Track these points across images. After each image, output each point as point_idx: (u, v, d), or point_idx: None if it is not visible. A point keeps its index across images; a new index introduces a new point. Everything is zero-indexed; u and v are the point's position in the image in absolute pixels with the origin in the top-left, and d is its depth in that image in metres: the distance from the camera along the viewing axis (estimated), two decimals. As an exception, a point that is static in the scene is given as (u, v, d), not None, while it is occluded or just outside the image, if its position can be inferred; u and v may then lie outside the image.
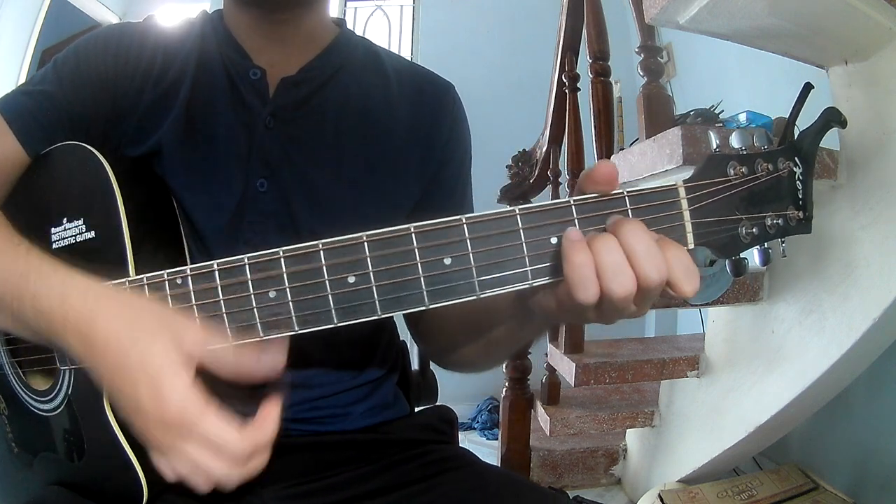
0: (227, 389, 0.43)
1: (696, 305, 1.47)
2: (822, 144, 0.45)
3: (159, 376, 0.41)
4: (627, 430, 1.93)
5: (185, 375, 0.42)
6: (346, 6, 3.53)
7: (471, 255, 0.41)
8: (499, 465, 1.75)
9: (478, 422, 2.97)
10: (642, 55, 1.45)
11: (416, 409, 0.84)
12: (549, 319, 0.51)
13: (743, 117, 1.31)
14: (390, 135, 0.71)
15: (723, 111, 1.45)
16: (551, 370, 1.78)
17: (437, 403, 0.88)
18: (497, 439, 2.24)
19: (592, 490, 1.91)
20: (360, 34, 0.78)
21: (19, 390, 0.64)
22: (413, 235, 0.41)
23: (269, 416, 0.45)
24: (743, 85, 2.21)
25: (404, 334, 0.83)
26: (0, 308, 0.49)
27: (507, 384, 1.86)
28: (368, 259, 0.41)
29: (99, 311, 0.44)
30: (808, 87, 0.45)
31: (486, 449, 2.57)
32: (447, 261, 0.41)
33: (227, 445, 0.42)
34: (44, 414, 0.61)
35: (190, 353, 0.43)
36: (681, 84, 2.72)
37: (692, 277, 0.41)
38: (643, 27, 1.44)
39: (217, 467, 0.42)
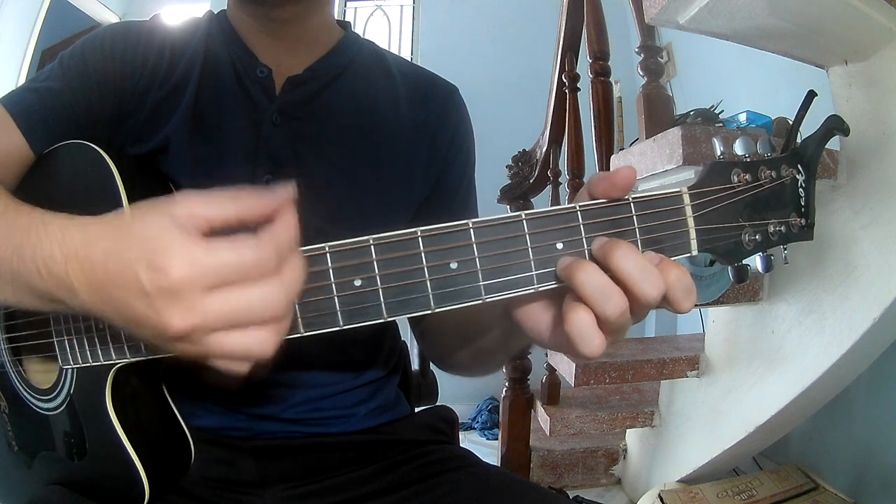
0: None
1: (697, 305, 1.47)
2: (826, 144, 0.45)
3: (155, 247, 0.36)
4: (627, 430, 1.94)
5: (181, 234, 0.36)
6: (346, 6, 3.53)
7: (477, 259, 0.41)
8: (499, 465, 1.76)
9: (478, 422, 2.97)
10: (642, 55, 1.45)
11: (417, 410, 0.84)
12: (538, 345, 0.50)
13: (743, 117, 1.31)
14: (396, 135, 0.72)
15: (723, 111, 1.45)
16: (551, 370, 1.78)
17: (438, 404, 0.88)
18: (497, 439, 2.24)
19: (592, 490, 1.91)
20: (361, 34, 0.79)
21: (20, 389, 0.64)
22: (420, 239, 0.41)
23: (284, 219, 0.38)
24: (743, 85, 2.21)
25: (404, 335, 0.83)
26: (0, 274, 0.45)
27: (507, 384, 1.86)
28: (375, 262, 0.41)
29: (96, 230, 0.40)
30: (811, 95, 0.45)
31: (486, 449, 2.57)
32: (453, 265, 0.41)
33: (248, 262, 0.36)
34: (45, 413, 0.61)
35: (187, 214, 0.37)
36: (681, 84, 2.72)
37: (691, 296, 0.40)
38: (643, 27, 1.44)
39: (253, 297, 0.36)
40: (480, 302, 0.42)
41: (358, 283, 0.41)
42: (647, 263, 0.40)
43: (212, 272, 0.35)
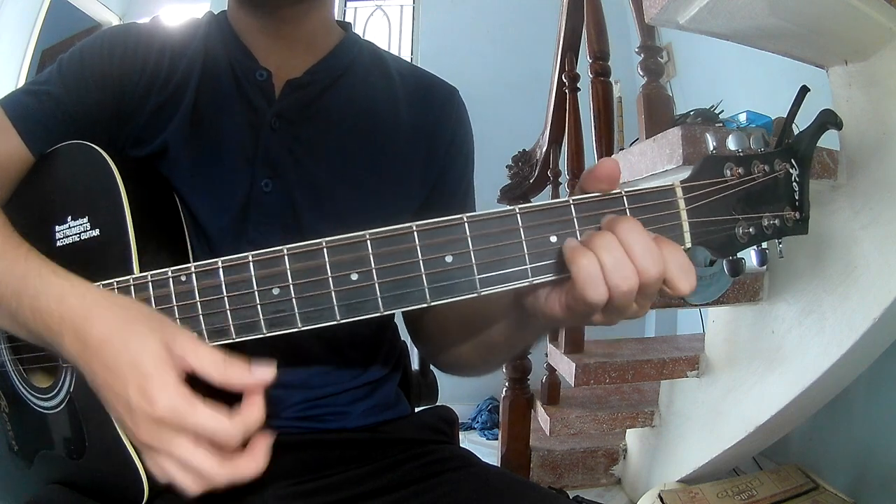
0: (209, 392, 0.44)
1: (697, 305, 1.47)
2: (822, 144, 0.45)
3: (149, 376, 0.42)
4: (627, 430, 1.94)
5: (173, 375, 0.43)
6: (346, 6, 3.53)
7: (472, 253, 0.42)
8: (499, 465, 1.76)
9: (478, 422, 2.97)
10: (642, 55, 1.45)
11: (417, 410, 0.84)
12: (554, 325, 0.51)
13: (743, 117, 1.31)
14: (395, 137, 0.71)
15: (723, 111, 1.45)
16: (551, 370, 1.78)
17: (438, 403, 0.88)
18: (497, 439, 2.24)
19: (592, 490, 1.91)
20: (361, 35, 0.78)
21: (20, 387, 0.64)
22: (415, 233, 0.42)
23: (254, 402, 0.44)
24: (743, 85, 2.21)
25: (404, 335, 0.83)
26: (1, 309, 0.50)
27: (507, 384, 1.86)
28: (371, 256, 0.42)
29: (95, 311, 0.45)
30: (804, 90, 0.46)
31: (486, 449, 2.57)
32: (448, 259, 0.42)
33: (218, 432, 0.42)
34: (45, 411, 0.61)
35: (180, 356, 0.43)
36: (681, 84, 2.72)
37: (689, 275, 0.41)
38: (643, 27, 1.44)
39: (208, 463, 0.43)
40: (476, 295, 0.42)
41: (354, 277, 0.42)
42: (650, 241, 0.40)
43: (188, 425, 0.42)
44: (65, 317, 0.46)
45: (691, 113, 1.43)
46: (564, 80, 1.88)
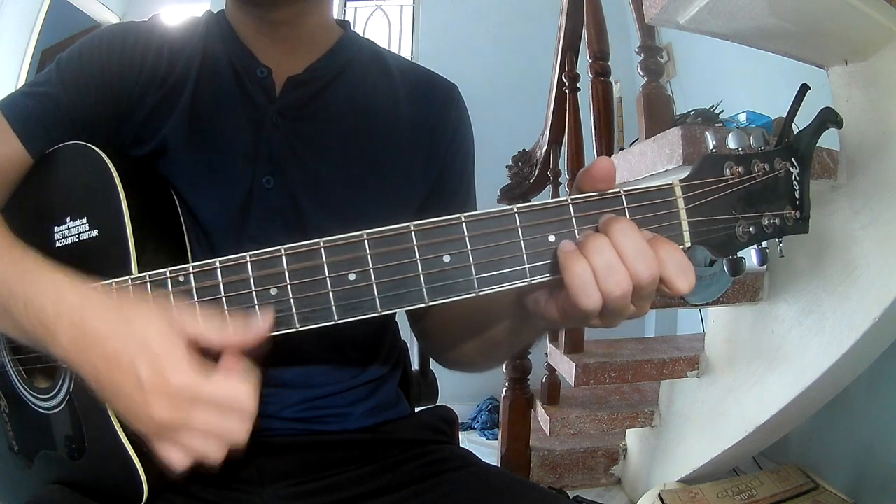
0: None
1: (696, 305, 1.47)
2: (822, 144, 0.45)
3: (160, 352, 0.42)
4: (627, 430, 1.93)
5: (182, 348, 0.43)
6: (346, 6, 3.53)
7: (470, 252, 0.42)
8: (499, 465, 1.76)
9: (478, 422, 2.97)
10: (642, 55, 1.45)
11: (417, 410, 0.84)
12: (554, 327, 0.51)
13: (743, 117, 1.31)
14: (395, 134, 0.72)
15: (723, 111, 1.45)
16: (551, 370, 1.78)
17: (438, 403, 0.88)
18: (497, 439, 2.24)
19: (592, 490, 1.91)
20: (360, 34, 0.78)
21: (20, 387, 0.64)
22: (413, 233, 0.42)
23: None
24: (743, 85, 2.21)
25: (404, 334, 0.83)
26: None
27: (507, 384, 1.86)
28: (369, 256, 0.42)
29: (93, 306, 0.45)
30: (804, 88, 0.46)
31: (486, 449, 2.57)
32: (446, 258, 0.42)
33: (238, 398, 0.42)
34: (44, 412, 0.61)
35: (181, 329, 0.43)
36: (681, 84, 2.72)
37: (686, 274, 0.41)
38: (643, 27, 1.44)
39: (231, 426, 0.43)
40: (474, 295, 0.42)
41: (352, 277, 0.42)
42: (643, 243, 0.40)
43: (204, 395, 0.42)
44: (61, 314, 0.45)
45: (691, 113, 1.43)
46: (564, 80, 1.88)
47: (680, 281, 0.41)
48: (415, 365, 0.96)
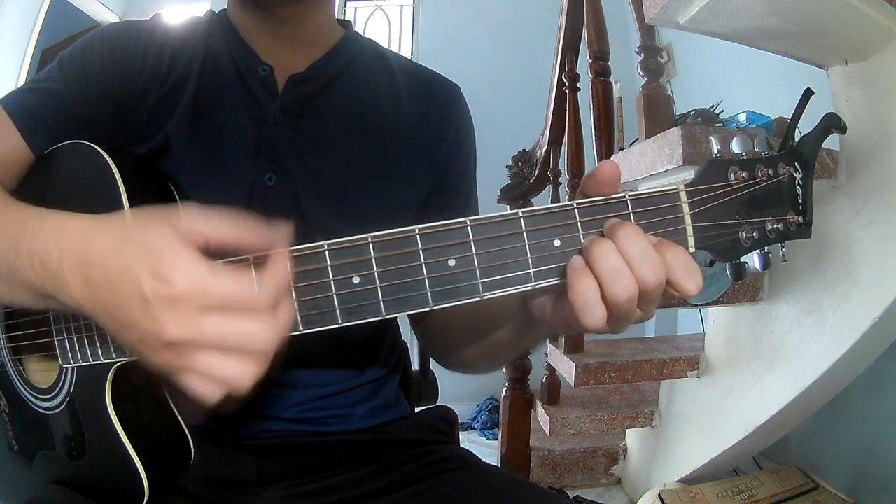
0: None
1: (696, 305, 1.48)
2: (822, 144, 0.45)
3: (159, 256, 0.38)
4: (627, 430, 1.94)
5: (185, 247, 0.39)
6: (346, 6, 3.53)
7: (475, 256, 0.42)
8: (499, 465, 1.76)
9: (478, 422, 2.97)
10: (642, 55, 1.45)
11: (417, 410, 0.84)
12: (559, 333, 0.51)
13: (743, 117, 1.31)
14: (397, 133, 0.72)
15: (723, 111, 1.45)
16: (551, 370, 1.78)
17: (438, 403, 0.88)
18: (497, 439, 2.24)
19: (592, 490, 1.92)
20: (361, 34, 0.79)
21: (20, 388, 0.64)
22: (418, 237, 0.42)
23: (278, 258, 0.40)
24: (743, 85, 2.21)
25: (405, 334, 0.83)
26: None
27: (507, 384, 1.86)
28: (373, 260, 0.41)
29: (95, 228, 0.42)
30: (808, 94, 0.46)
31: (486, 449, 2.57)
32: (451, 262, 0.42)
33: (248, 296, 0.38)
34: (45, 412, 0.61)
35: (187, 228, 0.40)
36: (681, 84, 2.72)
37: (694, 276, 0.41)
38: (643, 27, 1.44)
39: (248, 329, 0.38)
40: (479, 299, 0.42)
41: (356, 280, 0.42)
42: (649, 248, 0.40)
43: (213, 294, 0.37)
44: (64, 248, 0.42)
45: (691, 113, 1.43)
46: (564, 80, 1.88)
47: (688, 283, 0.41)
48: (415, 365, 0.96)
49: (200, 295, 0.37)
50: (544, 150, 2.02)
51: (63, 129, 0.63)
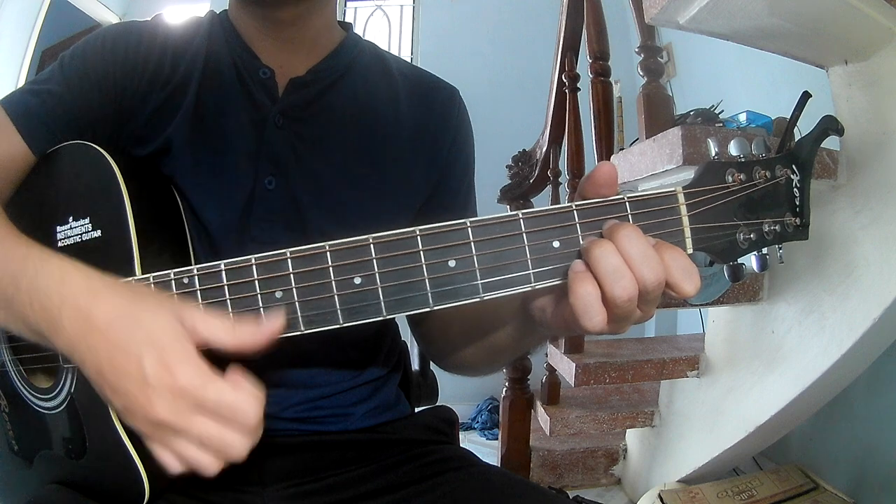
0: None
1: (696, 305, 1.48)
2: (822, 144, 0.45)
3: (167, 347, 0.40)
4: (627, 430, 1.94)
5: (191, 347, 0.41)
6: (346, 6, 3.53)
7: (475, 257, 0.42)
8: (499, 465, 1.76)
9: (478, 422, 2.98)
10: (642, 55, 1.45)
11: (417, 410, 0.84)
12: (559, 335, 0.51)
13: (743, 117, 1.31)
14: (397, 136, 0.72)
15: (723, 111, 1.45)
16: (551, 370, 1.78)
17: (438, 403, 0.88)
18: (497, 439, 2.24)
19: (592, 490, 1.92)
20: (361, 35, 0.79)
21: (21, 387, 0.64)
22: (418, 238, 0.42)
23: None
24: (743, 85, 2.21)
25: (404, 335, 0.83)
26: None
27: (507, 384, 1.86)
28: (374, 261, 0.42)
29: (100, 291, 0.43)
30: (805, 96, 0.46)
31: (486, 449, 2.57)
32: (452, 263, 0.42)
33: (243, 409, 0.40)
34: (45, 412, 0.61)
35: (192, 328, 0.42)
36: (681, 84, 2.72)
37: (692, 277, 0.41)
38: (643, 27, 1.44)
39: (230, 438, 0.41)
40: (479, 300, 0.42)
41: (358, 281, 0.42)
42: (649, 248, 0.40)
43: (210, 401, 0.40)
44: (66, 298, 0.43)
45: (691, 113, 1.43)
46: (564, 80, 1.88)
47: (686, 284, 0.41)
48: (415, 365, 0.96)
49: (199, 396, 0.40)
50: (544, 150, 2.02)
51: (64, 130, 0.63)
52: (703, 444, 1.54)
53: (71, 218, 0.59)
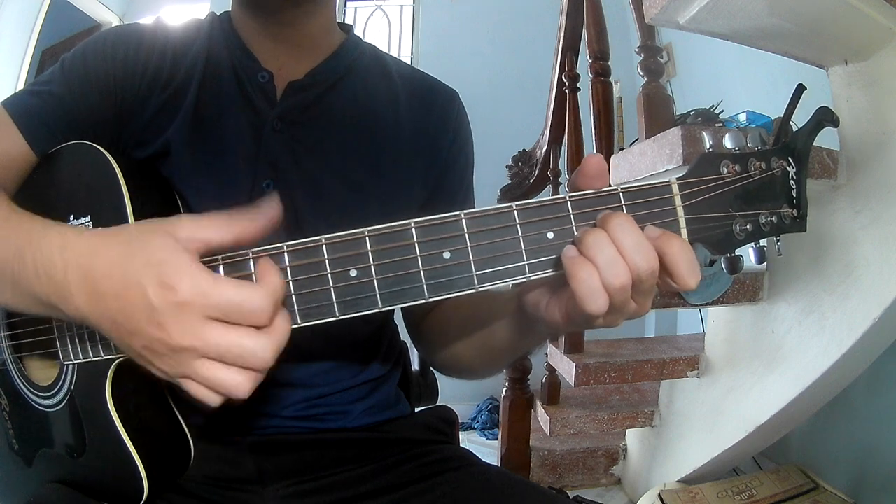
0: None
1: (696, 305, 1.47)
2: (822, 144, 0.45)
3: (163, 264, 0.40)
4: (627, 430, 1.94)
5: (187, 256, 0.40)
6: (346, 6, 3.54)
7: (469, 249, 0.42)
8: (499, 465, 1.76)
9: (478, 422, 2.98)
10: (642, 55, 1.46)
11: (417, 410, 0.84)
12: (556, 332, 0.51)
13: (743, 117, 1.31)
14: (396, 139, 0.72)
15: (723, 111, 1.45)
16: (551, 370, 1.78)
17: (438, 403, 0.88)
18: (497, 439, 2.24)
19: (592, 490, 1.91)
20: (361, 35, 0.79)
21: (21, 385, 0.64)
22: (413, 230, 0.43)
23: (269, 269, 0.42)
24: (743, 85, 2.21)
25: (404, 335, 0.83)
26: (1, 275, 0.48)
27: (507, 384, 1.86)
28: (370, 253, 0.42)
29: (98, 246, 0.43)
30: (800, 88, 0.46)
31: (486, 449, 2.57)
32: (446, 255, 0.42)
33: (250, 304, 0.39)
34: (45, 410, 0.61)
35: (188, 237, 0.41)
36: (681, 84, 2.72)
37: (693, 268, 0.41)
38: (643, 27, 1.44)
39: (247, 344, 0.40)
40: (474, 291, 0.42)
41: (353, 273, 0.42)
42: (642, 237, 0.41)
43: (215, 304, 0.39)
44: (69, 261, 0.43)
45: (691, 113, 1.43)
46: (564, 80, 1.88)
47: (690, 277, 0.41)
48: (415, 365, 0.96)
49: (204, 302, 0.39)
50: (544, 150, 2.02)
51: (64, 130, 0.64)
52: (703, 444, 1.54)
53: (72, 216, 0.59)
